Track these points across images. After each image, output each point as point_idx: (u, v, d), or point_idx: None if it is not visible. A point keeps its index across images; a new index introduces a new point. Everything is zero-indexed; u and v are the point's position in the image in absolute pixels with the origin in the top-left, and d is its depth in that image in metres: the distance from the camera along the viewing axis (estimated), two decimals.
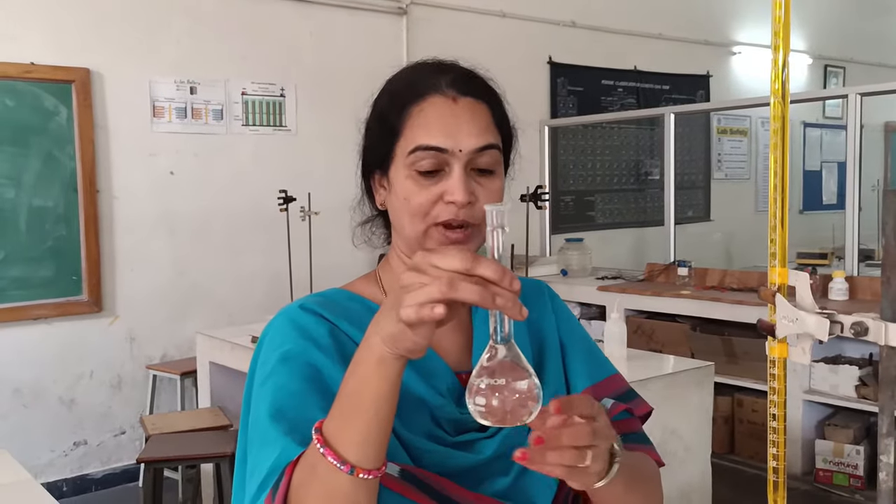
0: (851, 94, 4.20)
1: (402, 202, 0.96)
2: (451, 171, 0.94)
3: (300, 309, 0.97)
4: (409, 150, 0.94)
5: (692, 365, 2.88)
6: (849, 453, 3.80)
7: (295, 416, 0.87)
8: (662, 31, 6.49)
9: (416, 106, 0.96)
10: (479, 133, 0.95)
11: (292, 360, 0.92)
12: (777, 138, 0.64)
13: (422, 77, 0.99)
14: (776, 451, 0.64)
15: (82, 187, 4.08)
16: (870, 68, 7.97)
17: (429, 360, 0.97)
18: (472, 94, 0.98)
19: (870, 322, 0.57)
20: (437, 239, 0.95)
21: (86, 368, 4.16)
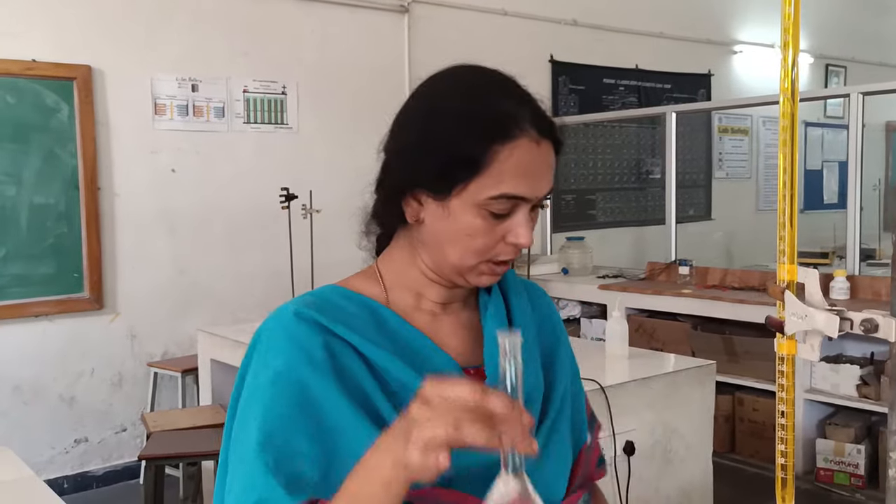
0: (853, 93, 4.19)
1: (461, 236, 0.92)
2: (518, 213, 0.92)
3: (294, 317, 0.93)
4: (492, 195, 0.90)
5: (693, 364, 2.88)
6: (850, 452, 3.80)
7: (281, 445, 0.86)
8: (664, 30, 6.49)
9: (504, 147, 0.90)
10: (549, 179, 0.94)
11: (282, 379, 0.89)
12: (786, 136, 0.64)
13: (506, 110, 0.92)
14: (784, 448, 0.64)
15: (83, 185, 4.08)
16: (871, 68, 7.97)
17: (436, 358, 0.96)
18: (549, 135, 0.94)
19: (880, 319, 0.57)
20: (484, 271, 0.95)
21: (87, 366, 4.16)
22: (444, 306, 1.01)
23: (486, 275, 0.96)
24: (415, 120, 0.97)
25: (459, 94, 0.95)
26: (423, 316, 1.00)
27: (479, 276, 0.96)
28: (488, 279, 0.97)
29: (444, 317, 1.01)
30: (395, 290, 1.00)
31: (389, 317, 0.97)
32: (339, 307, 0.96)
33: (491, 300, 1.03)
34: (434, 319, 1.00)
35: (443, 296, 1.01)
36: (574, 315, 5.01)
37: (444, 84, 0.98)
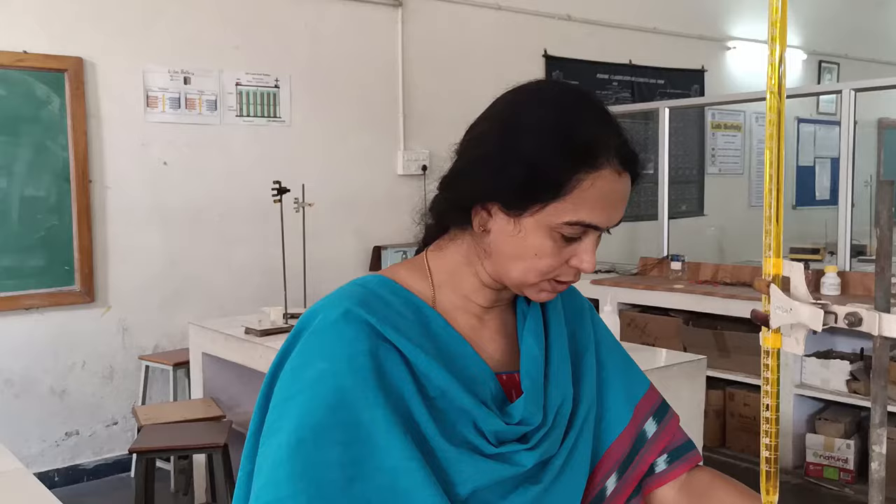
0: (845, 89, 4.21)
1: (528, 254, 0.93)
2: (586, 239, 0.93)
3: (344, 317, 0.92)
4: (568, 221, 0.90)
5: (684, 358, 2.89)
6: (839, 447, 3.82)
7: (312, 452, 0.86)
8: (657, 26, 6.49)
9: (589, 176, 0.90)
10: (623, 209, 0.95)
11: (323, 383, 0.89)
12: (773, 131, 0.64)
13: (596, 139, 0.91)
14: (769, 441, 0.64)
15: (74, 177, 4.06)
16: (864, 64, 7.99)
17: (472, 364, 0.96)
18: (631, 170, 0.95)
19: (864, 312, 0.57)
20: (545, 289, 0.96)
21: (77, 359, 4.15)
22: (488, 310, 1.02)
23: (545, 292, 0.96)
24: (499, 131, 0.93)
25: (549, 112, 0.92)
26: (467, 318, 1.00)
27: (538, 293, 0.97)
28: (547, 296, 0.97)
29: (486, 320, 1.02)
30: (443, 289, 1.00)
31: (434, 318, 0.97)
32: (388, 304, 0.95)
33: (530, 309, 1.04)
34: (478, 323, 1.01)
35: (490, 300, 1.01)
36: None
37: (534, 98, 0.95)
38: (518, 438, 0.95)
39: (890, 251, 0.57)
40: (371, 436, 0.87)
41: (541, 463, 0.96)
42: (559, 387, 1.00)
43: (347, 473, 0.86)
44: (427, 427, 0.90)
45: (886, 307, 0.56)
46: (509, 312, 1.04)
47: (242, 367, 3.33)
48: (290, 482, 0.86)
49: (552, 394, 0.99)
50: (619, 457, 1.06)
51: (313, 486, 0.85)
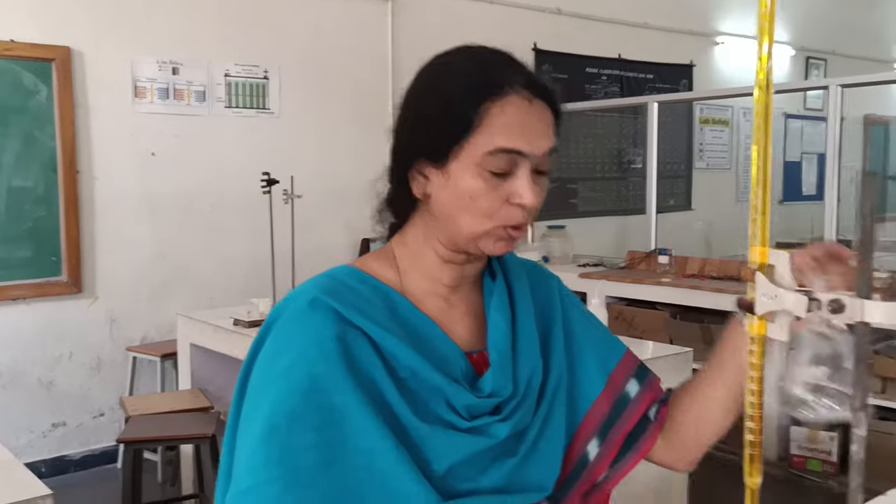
0: (832, 85, 4.23)
1: (465, 200, 0.93)
2: (519, 172, 0.93)
3: (310, 305, 0.95)
4: (487, 150, 0.91)
5: (671, 351, 2.92)
6: (823, 440, 3.85)
7: (285, 438, 0.88)
8: (647, 20, 6.51)
9: (495, 103, 0.92)
10: (547, 137, 0.95)
11: (294, 371, 0.91)
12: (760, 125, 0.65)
13: (499, 72, 0.95)
14: (753, 426, 0.66)
15: (62, 167, 4.04)
16: (851, 61, 8.04)
17: (441, 345, 0.97)
18: (543, 97, 0.96)
19: (846, 299, 0.59)
20: (501, 236, 0.95)
21: (65, 350, 4.14)
22: (454, 290, 1.03)
23: (502, 240, 0.96)
24: (412, 95, 0.99)
25: (452, 63, 0.98)
26: (435, 301, 1.02)
27: (494, 244, 0.96)
28: (504, 245, 0.97)
29: (454, 302, 1.03)
30: (410, 274, 1.02)
31: (401, 302, 0.99)
32: (355, 291, 0.97)
33: (495, 286, 1.05)
34: (445, 305, 1.02)
35: (455, 278, 1.02)
36: None
37: (439, 59, 1.00)
38: (491, 411, 0.96)
39: (871, 241, 0.59)
40: (344, 419, 0.89)
41: (515, 435, 0.98)
42: (528, 358, 1.02)
43: (323, 457, 0.88)
44: (399, 407, 0.92)
45: (868, 294, 0.57)
46: (477, 293, 1.06)
47: (230, 357, 3.33)
48: (266, 468, 0.88)
49: (521, 365, 1.01)
50: (597, 422, 1.07)
51: (289, 470, 0.87)
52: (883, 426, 3.74)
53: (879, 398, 3.71)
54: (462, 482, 0.93)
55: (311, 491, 0.87)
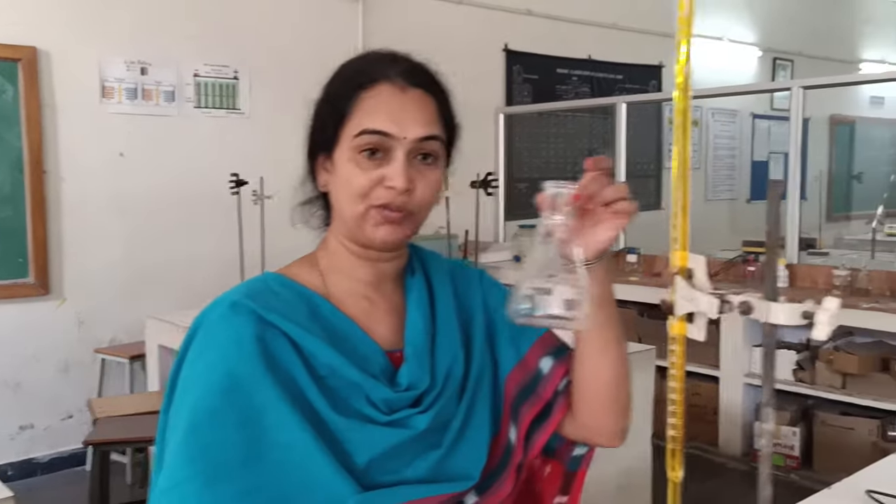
0: (795, 87, 4.32)
1: (343, 183, 0.99)
2: (394, 157, 0.97)
3: (230, 308, 0.98)
4: (354, 133, 0.97)
5: (633, 349, 2.96)
6: (785, 434, 3.93)
7: (206, 435, 0.91)
8: (616, 22, 6.57)
9: (366, 92, 0.99)
10: (424, 123, 0.99)
11: (214, 371, 0.94)
12: (680, 129, 0.68)
13: (374, 65, 1.02)
14: (675, 422, 0.69)
15: (29, 168, 4.01)
16: (817, 62, 8.17)
17: (361, 344, 1.01)
18: (422, 86, 1.01)
19: (754, 301, 0.62)
20: (375, 219, 0.98)
21: (32, 351, 4.11)
22: (376, 288, 1.06)
23: (380, 225, 0.99)
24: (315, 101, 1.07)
25: (341, 65, 1.06)
26: (357, 302, 1.05)
27: (374, 228, 0.99)
28: (385, 230, 0.99)
29: (377, 302, 1.06)
30: (331, 275, 1.05)
31: (321, 304, 1.02)
32: (276, 295, 1.01)
33: (414, 283, 1.08)
34: (368, 305, 1.05)
35: (373, 275, 1.06)
36: None
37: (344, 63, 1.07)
38: (411, 404, 0.99)
39: (777, 247, 0.62)
40: (264, 415, 0.92)
41: (439, 427, 1.00)
42: (447, 350, 1.05)
43: (243, 453, 0.91)
44: (318, 403, 0.95)
45: (774, 296, 0.61)
46: (399, 295, 1.08)
47: None
48: (186, 465, 0.90)
49: (440, 358, 1.04)
50: (510, 404, 1.08)
51: (210, 466, 0.90)
52: (843, 421, 3.83)
53: (839, 394, 3.80)
54: (385, 475, 0.96)
55: (230, 486, 0.89)
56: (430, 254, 1.16)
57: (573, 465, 1.14)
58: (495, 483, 1.05)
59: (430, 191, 1.00)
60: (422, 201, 0.99)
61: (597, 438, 1.11)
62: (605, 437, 1.10)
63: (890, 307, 3.52)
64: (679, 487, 0.71)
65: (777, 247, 0.62)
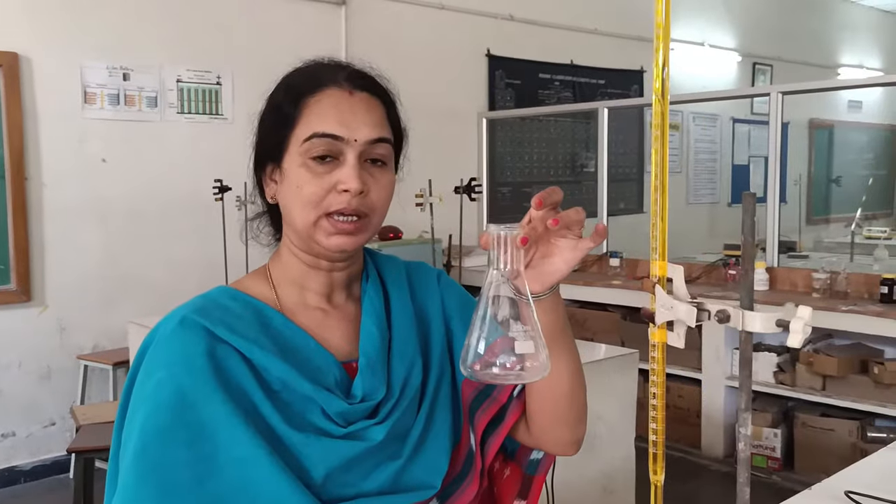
0: (773, 92, 4.37)
1: (294, 191, 0.97)
2: (345, 160, 0.96)
3: (180, 325, 0.96)
4: (304, 138, 0.96)
5: (618, 352, 2.99)
6: (767, 436, 3.97)
7: (156, 455, 0.89)
8: (598, 27, 6.62)
9: (313, 97, 0.98)
10: (373, 125, 0.98)
11: (163, 389, 0.92)
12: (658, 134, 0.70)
13: (318, 71, 1.02)
14: (656, 427, 0.71)
15: (10, 174, 3.99)
16: (796, 66, 8.26)
17: (315, 356, 0.98)
18: (368, 89, 1.01)
19: (731, 310, 0.64)
20: (327, 229, 0.96)
21: (13, 358, 4.08)
22: (329, 299, 1.04)
23: (334, 235, 0.97)
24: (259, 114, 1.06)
25: (283, 76, 1.06)
26: (310, 313, 1.03)
27: (327, 238, 0.97)
28: (338, 239, 0.97)
29: (330, 312, 1.04)
30: (283, 287, 1.04)
31: (273, 317, 1.00)
32: (226, 309, 0.99)
33: (367, 291, 1.06)
34: (321, 315, 1.03)
35: (324, 284, 1.04)
36: None
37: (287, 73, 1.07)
38: (368, 415, 0.97)
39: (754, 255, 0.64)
40: (215, 432, 0.90)
41: (398, 438, 0.99)
42: (403, 358, 1.03)
43: (196, 472, 0.89)
44: (272, 418, 0.92)
45: (750, 305, 0.63)
46: (353, 303, 1.07)
47: None
48: (136, 486, 0.88)
49: (396, 366, 1.02)
50: (468, 406, 1.06)
51: (160, 487, 0.87)
52: (822, 422, 3.87)
53: (819, 395, 3.85)
54: (344, 488, 0.94)
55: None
56: (386, 258, 1.14)
57: (531, 469, 1.12)
58: (457, 490, 1.03)
59: (384, 193, 0.99)
60: (376, 204, 0.98)
61: (552, 448, 1.09)
62: (560, 447, 1.08)
63: (868, 309, 3.57)
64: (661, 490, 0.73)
65: (753, 256, 0.64)
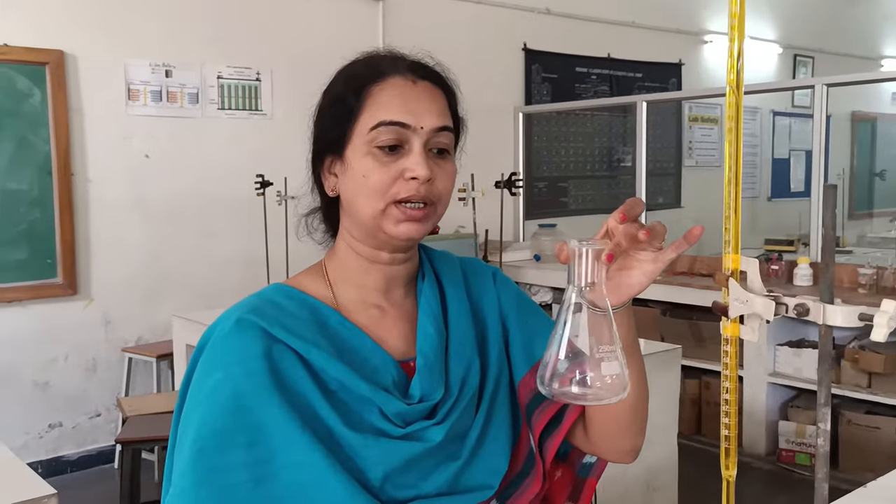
0: (818, 84, 4.29)
1: (360, 181, 0.96)
2: (411, 148, 0.95)
3: (236, 325, 0.95)
4: (370, 127, 0.95)
5: (660, 348, 2.97)
6: (811, 434, 3.92)
7: (213, 458, 0.89)
8: (635, 19, 6.56)
9: (376, 86, 0.97)
10: (438, 113, 0.97)
11: (219, 392, 0.91)
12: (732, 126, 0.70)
13: (379, 61, 1.00)
14: (728, 421, 0.70)
15: (56, 170, 4.06)
16: (838, 58, 8.12)
17: (372, 356, 0.97)
18: (430, 79, 1.00)
19: (811, 304, 0.64)
20: (396, 217, 0.95)
21: (60, 351, 4.16)
22: (386, 295, 1.03)
23: (403, 222, 0.96)
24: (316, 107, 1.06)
25: (342, 68, 1.05)
26: (367, 311, 1.02)
27: (396, 225, 0.96)
28: (406, 227, 0.96)
29: (388, 310, 1.03)
30: (340, 285, 1.02)
31: (330, 315, 0.99)
32: (281, 308, 0.98)
33: (424, 289, 1.04)
34: (378, 313, 1.02)
35: (383, 280, 1.02)
36: (546, 301, 5.09)
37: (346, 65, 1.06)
38: (427, 416, 0.96)
39: (833, 248, 0.63)
40: (272, 435, 0.89)
41: (457, 438, 0.97)
42: (461, 358, 1.01)
43: (253, 474, 0.88)
44: (330, 419, 0.91)
45: (830, 298, 0.62)
46: (411, 301, 1.05)
47: None
48: (193, 490, 0.88)
49: (453, 366, 1.00)
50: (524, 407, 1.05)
51: (218, 491, 0.87)
52: (868, 420, 3.81)
53: (865, 393, 3.78)
54: (402, 489, 0.93)
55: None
56: (441, 254, 1.12)
57: (583, 472, 1.10)
58: (516, 491, 1.02)
59: (448, 182, 0.98)
60: (442, 192, 0.97)
61: (610, 455, 1.07)
62: (619, 455, 1.06)
63: None
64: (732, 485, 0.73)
65: (833, 249, 0.63)
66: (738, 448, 0.74)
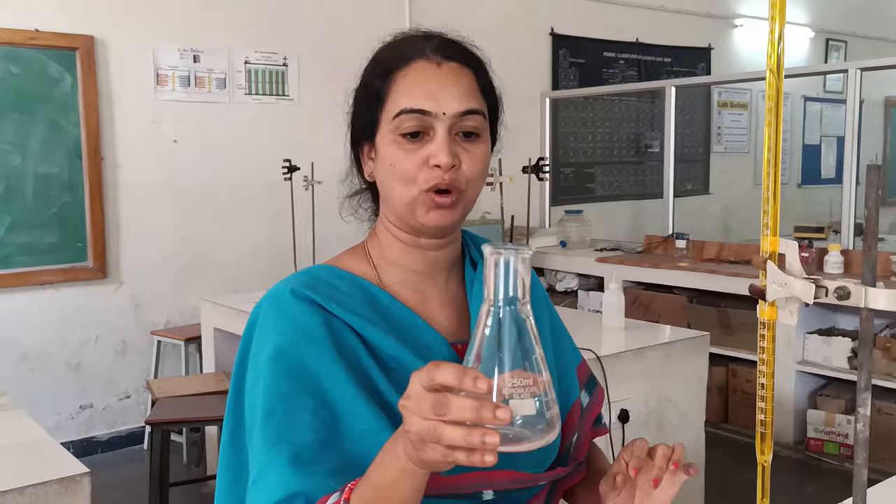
0: (852, 68, 4.21)
1: (388, 169, 0.96)
2: (435, 135, 0.94)
3: (292, 295, 0.95)
4: (393, 115, 0.95)
5: (687, 335, 2.94)
6: (840, 423, 3.88)
7: (283, 418, 0.88)
8: (664, 3, 6.48)
9: (401, 71, 0.96)
10: (462, 97, 0.95)
11: (282, 357, 0.91)
12: (771, 113, 0.68)
13: (407, 44, 0.99)
14: (764, 406, 0.69)
15: (87, 155, 4.11)
16: (872, 42, 7.96)
17: (424, 334, 0.98)
18: (457, 59, 0.98)
19: (852, 287, 0.62)
20: (426, 204, 0.95)
21: (91, 334, 4.22)
22: (428, 279, 1.03)
23: (432, 210, 0.95)
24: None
25: (381, 49, 1.03)
26: (412, 293, 1.02)
27: (426, 214, 0.96)
28: (435, 215, 0.96)
29: (429, 293, 1.03)
30: (383, 267, 1.03)
31: (380, 295, 0.99)
32: (333, 286, 0.98)
33: (477, 276, 1.04)
34: (422, 296, 1.02)
35: (424, 264, 1.02)
36: (572, 287, 5.08)
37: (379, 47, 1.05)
38: None
39: (877, 231, 0.62)
40: (336, 403, 0.89)
41: None
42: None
43: (320, 437, 0.88)
44: (390, 395, 0.91)
45: (872, 281, 0.61)
46: (456, 283, 1.05)
47: None
48: (267, 450, 0.87)
49: None
50: (573, 426, 1.07)
51: (290, 447, 0.87)
52: None
53: (895, 382, 3.73)
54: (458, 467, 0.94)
55: (319, 466, 0.87)
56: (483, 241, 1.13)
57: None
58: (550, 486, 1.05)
59: (478, 166, 0.96)
60: (469, 177, 0.96)
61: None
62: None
63: None
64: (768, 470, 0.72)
65: (876, 232, 0.62)
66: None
